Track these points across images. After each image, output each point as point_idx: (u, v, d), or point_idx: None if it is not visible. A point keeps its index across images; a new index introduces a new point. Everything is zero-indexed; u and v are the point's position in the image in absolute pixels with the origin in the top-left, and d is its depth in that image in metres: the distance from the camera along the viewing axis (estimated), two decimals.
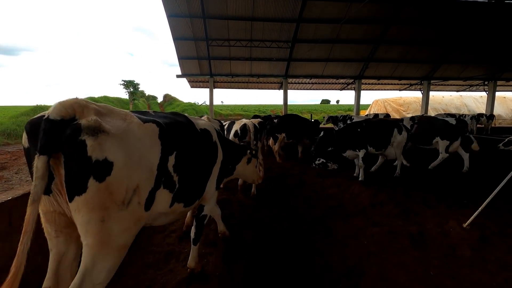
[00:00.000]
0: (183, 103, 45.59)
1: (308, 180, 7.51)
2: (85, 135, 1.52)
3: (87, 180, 1.55)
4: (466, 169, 8.45)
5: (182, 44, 18.90)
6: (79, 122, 1.54)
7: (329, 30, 18.09)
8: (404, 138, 7.67)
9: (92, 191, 1.56)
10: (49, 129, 1.49)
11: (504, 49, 20.67)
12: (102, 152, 1.57)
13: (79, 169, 1.53)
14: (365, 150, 7.56)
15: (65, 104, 1.57)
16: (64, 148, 1.52)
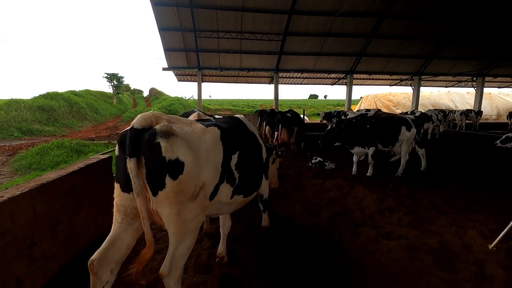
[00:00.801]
0: (170, 98, 44.29)
1: (306, 181, 6.99)
2: (160, 138, 1.87)
3: (164, 178, 1.88)
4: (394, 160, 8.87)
5: (169, 35, 17.91)
6: (154, 128, 1.91)
7: (322, 23, 17.54)
8: (412, 135, 7.33)
9: (168, 187, 1.89)
10: (134, 136, 1.86)
11: (494, 45, 20.78)
12: (173, 153, 1.89)
13: (157, 168, 1.88)
14: (374, 148, 7.34)
15: (145, 116, 1.96)
16: (144, 151, 1.87)
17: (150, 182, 1.91)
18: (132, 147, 1.85)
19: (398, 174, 7.54)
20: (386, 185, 6.78)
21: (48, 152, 11.66)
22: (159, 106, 36.37)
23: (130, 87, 56.03)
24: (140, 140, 1.89)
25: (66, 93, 26.62)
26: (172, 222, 1.97)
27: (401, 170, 7.53)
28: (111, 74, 33.08)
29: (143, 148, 1.88)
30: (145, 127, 1.93)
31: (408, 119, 7.61)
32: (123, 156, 1.96)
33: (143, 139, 1.89)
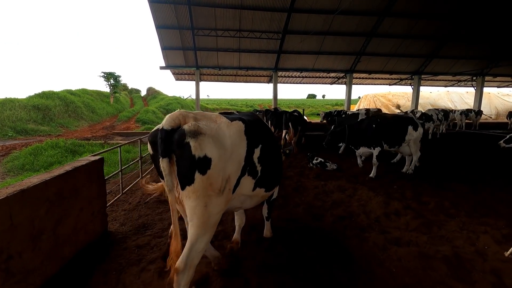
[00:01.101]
0: (168, 97, 43.91)
1: (307, 183, 6.76)
2: (189, 138, 2.00)
3: (194, 174, 2.01)
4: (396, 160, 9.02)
5: (166, 33, 17.61)
6: (182, 128, 2.04)
7: (321, 21, 17.30)
8: (420, 134, 7.21)
9: (198, 182, 2.02)
10: (164, 137, 2.01)
11: (494, 44, 20.65)
12: (202, 151, 2.00)
13: (187, 165, 2.01)
14: (380, 148, 7.23)
15: (173, 116, 2.09)
16: (175, 150, 2.02)
17: (180, 179, 2.06)
18: (163, 147, 1.98)
19: (409, 171, 7.42)
20: (390, 186, 6.58)
21: (42, 153, 11.37)
22: (157, 106, 36.01)
23: (127, 87, 55.55)
24: (171, 140, 2.02)
25: (62, 92, 26.23)
26: (198, 215, 2.07)
27: (413, 167, 7.41)
28: (108, 73, 32.68)
29: (174, 148, 2.02)
30: (174, 127, 2.05)
31: (415, 118, 7.48)
32: (156, 155, 2.11)
33: (173, 140, 2.02)
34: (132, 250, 3.30)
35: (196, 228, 2.09)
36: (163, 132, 2.01)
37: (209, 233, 2.19)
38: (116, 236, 3.74)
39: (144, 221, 4.35)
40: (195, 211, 2.07)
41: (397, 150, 7.58)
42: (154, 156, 2.24)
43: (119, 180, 6.06)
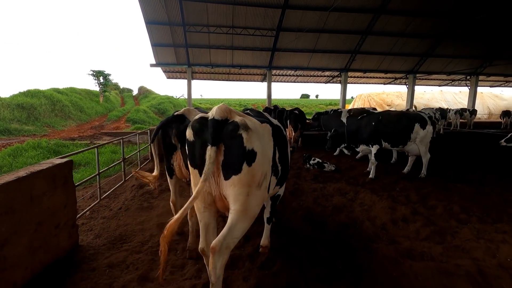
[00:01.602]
0: (159, 96, 43.03)
1: (305, 185, 6.31)
2: (242, 130, 2.11)
3: (242, 164, 2.12)
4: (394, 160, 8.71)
5: (156, 29, 16.98)
6: (235, 120, 2.15)
7: (316, 18, 16.92)
8: (429, 133, 6.78)
9: (244, 172, 2.13)
10: (216, 126, 2.08)
11: (488, 43, 20.59)
12: (251, 144, 2.14)
13: (238, 156, 2.12)
14: (378, 146, 6.87)
15: (222, 108, 2.19)
16: (226, 140, 2.12)
17: (226, 168, 2.12)
18: (214, 136, 2.04)
19: (422, 175, 6.99)
20: (392, 188, 6.19)
21: (22, 154, 10.69)
22: (148, 105, 35.21)
23: (119, 86, 54.46)
24: (221, 130, 2.09)
25: (49, 91, 25.28)
26: (240, 201, 2.14)
27: (425, 171, 7.01)
28: (97, 71, 31.76)
29: (224, 137, 2.09)
30: (223, 119, 2.12)
31: (424, 115, 7.03)
32: (199, 142, 2.16)
33: (224, 130, 2.10)
34: (102, 271, 2.77)
35: (237, 213, 2.16)
36: (214, 121, 2.08)
37: (247, 222, 2.25)
38: (87, 252, 3.21)
39: (122, 232, 3.83)
40: (238, 197, 2.14)
41: (403, 149, 7.15)
42: (193, 143, 2.23)
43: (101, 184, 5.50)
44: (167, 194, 5.37)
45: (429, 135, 6.91)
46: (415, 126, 6.75)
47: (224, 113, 2.17)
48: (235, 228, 2.15)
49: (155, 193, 5.57)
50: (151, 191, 5.59)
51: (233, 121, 2.15)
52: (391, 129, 6.79)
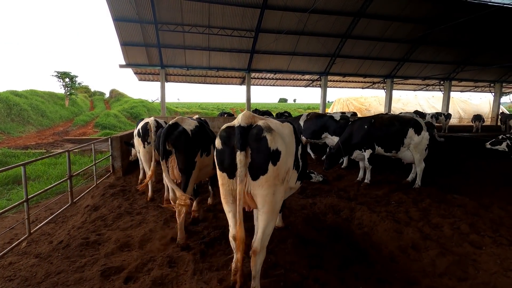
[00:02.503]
0: (132, 100, 40.84)
1: (292, 201, 5.50)
2: (266, 133, 2.30)
3: (268, 164, 2.30)
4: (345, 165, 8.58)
5: (125, 26, 15.63)
6: (258, 124, 2.36)
7: (296, 19, 16.39)
8: (424, 139, 6.32)
9: (270, 172, 2.31)
10: (243, 133, 2.28)
11: (461, 50, 21.17)
12: (275, 144, 2.31)
13: (264, 157, 2.30)
14: (371, 151, 6.51)
15: (247, 115, 2.42)
16: (252, 143, 2.31)
17: (253, 169, 2.32)
18: (242, 142, 2.24)
19: (416, 186, 6.49)
20: (388, 202, 5.56)
21: None
22: (120, 109, 33.22)
23: (89, 89, 51.39)
24: (247, 135, 2.30)
25: (5, 93, 22.87)
26: (268, 202, 2.37)
27: (419, 181, 6.51)
28: (62, 72, 29.43)
29: (249, 141, 2.30)
30: (248, 125, 2.34)
31: (419, 120, 6.55)
32: (228, 149, 2.38)
33: (250, 134, 2.31)
34: None
35: (266, 214, 2.38)
36: (241, 128, 2.28)
37: (275, 218, 2.55)
38: None
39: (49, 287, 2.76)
40: (266, 199, 2.36)
41: (396, 155, 6.65)
42: (222, 151, 2.42)
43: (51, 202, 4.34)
44: (123, 220, 4.33)
45: (424, 141, 6.43)
46: (409, 131, 6.31)
47: (249, 120, 2.37)
48: (267, 228, 2.44)
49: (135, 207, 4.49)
50: (105, 216, 4.51)
51: (257, 125, 2.35)
52: (383, 133, 6.40)
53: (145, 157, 5.52)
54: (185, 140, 3.47)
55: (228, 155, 2.35)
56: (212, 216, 4.63)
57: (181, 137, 3.46)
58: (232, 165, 2.30)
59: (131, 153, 7.52)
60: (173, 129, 3.49)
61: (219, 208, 5.01)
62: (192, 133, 3.58)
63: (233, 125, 2.39)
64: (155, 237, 3.69)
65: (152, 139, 5.34)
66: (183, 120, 3.72)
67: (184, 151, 3.49)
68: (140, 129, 5.55)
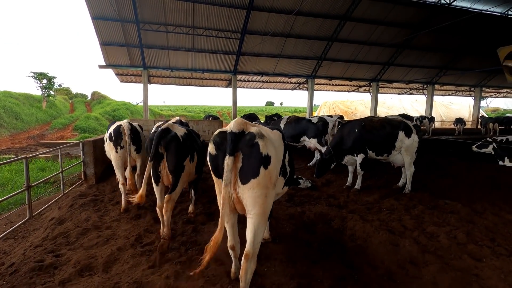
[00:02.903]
0: (115, 102, 39.55)
1: (279, 210, 5.13)
2: (258, 139, 2.42)
3: (259, 168, 2.39)
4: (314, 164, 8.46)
5: (105, 25, 14.94)
6: (251, 131, 2.47)
7: (283, 21, 16.20)
8: (415, 142, 6.16)
9: (261, 175, 2.39)
10: (234, 139, 2.38)
11: (443, 54, 21.63)
12: (266, 149, 2.43)
13: (255, 161, 2.39)
14: (364, 155, 6.24)
15: (238, 122, 2.51)
16: (244, 149, 2.41)
17: (244, 173, 2.40)
18: (232, 147, 2.33)
19: (406, 191, 6.27)
20: (379, 209, 5.29)
21: None
22: (101, 112, 32.06)
23: (70, 91, 49.49)
24: (239, 141, 2.41)
25: None
26: (259, 204, 2.40)
27: (409, 186, 6.31)
28: (39, 73, 28.10)
29: (241, 147, 2.40)
30: (239, 131, 2.44)
31: (409, 123, 6.39)
32: (221, 154, 2.43)
33: (242, 140, 2.42)
34: None
35: (258, 216, 2.42)
36: (232, 134, 2.37)
37: (265, 221, 2.58)
38: None
39: None
40: (257, 200, 2.39)
41: (387, 159, 6.46)
42: (216, 156, 2.50)
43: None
44: (89, 237, 3.82)
45: (415, 144, 6.27)
46: (400, 133, 6.13)
47: (241, 126, 2.46)
48: (258, 231, 2.45)
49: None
50: (69, 232, 3.98)
51: (250, 132, 2.46)
52: (374, 136, 6.19)
53: (118, 163, 5.05)
54: (177, 145, 3.67)
55: (222, 160, 2.41)
56: (192, 229, 4.18)
57: (173, 141, 3.65)
58: None
59: None
60: (166, 133, 3.65)
61: (200, 220, 4.58)
62: (183, 139, 3.78)
63: (225, 131, 2.48)
64: (123, 257, 3.21)
65: (126, 143, 4.98)
66: (173, 126, 3.87)
67: (175, 155, 3.66)
68: (112, 133, 5.09)
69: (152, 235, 3.92)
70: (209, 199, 5.64)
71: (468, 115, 31.64)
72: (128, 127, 5.05)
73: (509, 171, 7.98)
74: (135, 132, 5.20)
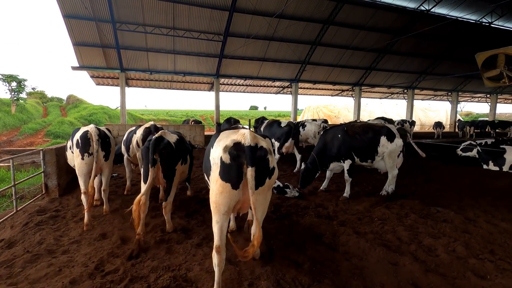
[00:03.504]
0: (92, 106, 37.85)
1: (265, 222, 4.64)
2: (269, 155, 2.83)
3: (266, 179, 2.82)
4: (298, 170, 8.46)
5: (78, 24, 14.07)
6: (264, 147, 2.81)
7: (266, 24, 15.93)
8: (397, 147, 5.98)
9: (266, 184, 2.83)
10: (252, 152, 2.66)
11: (423, 60, 22.15)
12: (272, 164, 2.88)
13: (264, 174, 2.80)
14: (350, 161, 6.01)
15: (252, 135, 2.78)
16: (258, 163, 2.70)
17: (257, 182, 2.68)
18: (252, 159, 2.62)
19: (383, 193, 6.12)
20: (370, 219, 4.96)
21: None
22: (77, 116, 30.58)
23: (45, 94, 47.06)
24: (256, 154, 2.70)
25: None
26: (262, 204, 2.90)
27: (388, 188, 6.13)
28: (8, 75, 26.39)
29: (256, 160, 2.68)
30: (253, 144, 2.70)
31: (391, 128, 6.18)
32: (235, 165, 2.69)
33: (257, 155, 2.71)
34: None
35: (262, 212, 2.95)
36: (251, 148, 2.66)
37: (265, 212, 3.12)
38: None
39: None
40: (262, 202, 2.87)
41: (371, 165, 6.22)
42: (230, 165, 2.70)
43: None
44: (37, 266, 3.20)
45: (397, 149, 6.05)
46: (381, 138, 5.91)
47: (254, 140, 2.75)
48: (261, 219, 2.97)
49: None
50: (15, 260, 3.34)
51: (262, 147, 2.79)
52: (357, 141, 5.98)
53: (82, 170, 4.51)
54: (170, 151, 4.05)
55: (235, 169, 2.68)
56: (166, 251, 3.64)
57: (166, 148, 4.01)
58: (238, 178, 2.68)
59: None
60: (160, 141, 3.99)
61: (175, 238, 4.04)
62: (175, 145, 4.17)
63: (239, 142, 2.71)
64: None
65: (94, 149, 4.54)
66: (165, 133, 4.21)
67: (167, 160, 4.02)
68: (79, 139, 4.60)
69: (117, 260, 3.35)
70: (187, 212, 5.11)
71: (446, 118, 32.69)
72: (95, 132, 4.57)
73: (494, 175, 7.94)
74: (103, 137, 4.75)
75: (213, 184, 2.80)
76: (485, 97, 29.85)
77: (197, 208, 5.33)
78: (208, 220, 4.56)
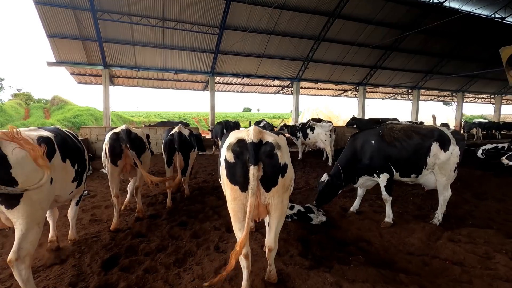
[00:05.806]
0: (78, 107, 35.65)
1: (296, 277, 3.05)
2: (277, 150, 2.51)
3: (278, 177, 2.54)
4: None
5: (52, 12, 12.25)
6: (270, 141, 2.52)
7: (267, 16, 14.38)
8: (453, 157, 4.49)
9: (279, 184, 2.55)
10: (255, 148, 2.43)
11: (429, 58, 20.96)
12: (283, 159, 2.56)
13: (275, 171, 2.52)
14: (388, 175, 4.56)
15: (256, 131, 2.56)
16: (264, 159, 2.48)
17: (266, 182, 2.51)
18: (255, 157, 2.39)
19: (435, 222, 4.63)
20: (440, 262, 3.44)
21: None
22: (61, 118, 28.59)
23: (31, 96, 44.72)
24: (259, 151, 2.46)
25: None
26: (279, 208, 2.62)
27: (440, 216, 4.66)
28: None
29: (262, 157, 2.47)
30: (259, 140, 2.50)
31: (444, 130, 4.65)
32: (240, 163, 2.48)
33: (263, 151, 2.48)
34: None
35: (278, 218, 2.67)
36: (253, 144, 2.43)
37: (283, 219, 2.79)
38: None
39: None
40: (277, 206, 2.61)
41: (415, 180, 4.75)
42: (234, 164, 2.50)
43: None
44: None
45: (454, 160, 4.51)
46: (433, 145, 4.42)
47: (259, 136, 2.52)
48: (278, 227, 2.72)
49: None
50: None
51: (268, 142, 2.52)
52: (398, 150, 4.49)
53: None
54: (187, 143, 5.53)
55: (240, 168, 2.47)
56: None
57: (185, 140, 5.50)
58: (245, 179, 2.43)
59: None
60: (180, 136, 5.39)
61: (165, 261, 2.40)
62: (189, 137, 5.70)
63: (243, 139, 2.52)
64: None
65: None
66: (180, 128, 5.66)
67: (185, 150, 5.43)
68: None
69: None
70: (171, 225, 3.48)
71: (446, 119, 31.70)
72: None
73: None
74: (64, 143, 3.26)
75: (225, 190, 2.71)
76: (489, 98, 28.87)
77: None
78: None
